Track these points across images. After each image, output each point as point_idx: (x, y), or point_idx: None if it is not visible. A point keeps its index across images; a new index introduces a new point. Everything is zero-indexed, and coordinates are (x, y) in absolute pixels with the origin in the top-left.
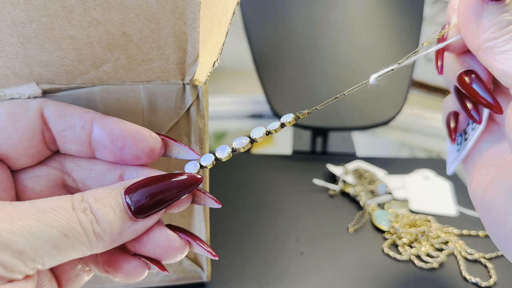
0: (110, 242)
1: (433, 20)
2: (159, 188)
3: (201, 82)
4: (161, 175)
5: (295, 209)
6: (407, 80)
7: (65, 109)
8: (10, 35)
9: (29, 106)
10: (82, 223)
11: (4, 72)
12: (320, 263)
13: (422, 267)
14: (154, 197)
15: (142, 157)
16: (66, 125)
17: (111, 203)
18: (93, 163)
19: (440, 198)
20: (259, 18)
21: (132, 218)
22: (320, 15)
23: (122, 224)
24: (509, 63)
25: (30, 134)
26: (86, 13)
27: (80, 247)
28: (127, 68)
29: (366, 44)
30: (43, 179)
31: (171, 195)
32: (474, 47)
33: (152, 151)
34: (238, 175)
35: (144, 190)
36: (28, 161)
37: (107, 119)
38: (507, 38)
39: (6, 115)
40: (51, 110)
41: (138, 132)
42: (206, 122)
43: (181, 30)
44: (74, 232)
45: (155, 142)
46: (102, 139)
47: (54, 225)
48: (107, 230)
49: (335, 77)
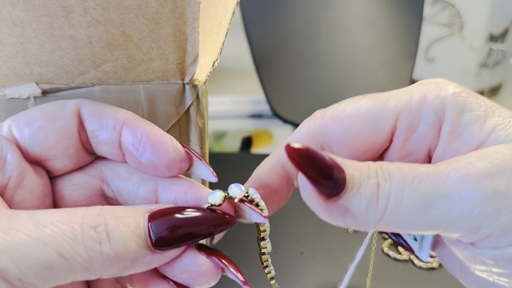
0: (119, 268)
1: (433, 20)
2: (185, 221)
3: (200, 82)
4: (193, 206)
5: (294, 209)
6: (407, 80)
7: (101, 109)
8: (10, 35)
9: (66, 105)
10: (86, 242)
11: (4, 72)
12: (319, 263)
13: (421, 266)
14: (179, 230)
15: (159, 168)
16: (99, 125)
17: (131, 224)
18: (130, 173)
19: None
20: (259, 18)
21: (149, 248)
22: (320, 15)
23: (138, 251)
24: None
25: (68, 132)
26: (86, 13)
27: (79, 270)
28: (127, 68)
29: (365, 44)
30: (81, 187)
31: (199, 231)
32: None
33: (171, 163)
34: (238, 175)
35: (169, 219)
36: (67, 162)
37: (138, 121)
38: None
39: (43, 115)
40: (87, 109)
41: (160, 138)
42: (206, 122)
43: (181, 30)
44: (72, 253)
45: (176, 154)
46: (127, 142)
47: (48, 242)
48: (119, 254)
49: (334, 77)
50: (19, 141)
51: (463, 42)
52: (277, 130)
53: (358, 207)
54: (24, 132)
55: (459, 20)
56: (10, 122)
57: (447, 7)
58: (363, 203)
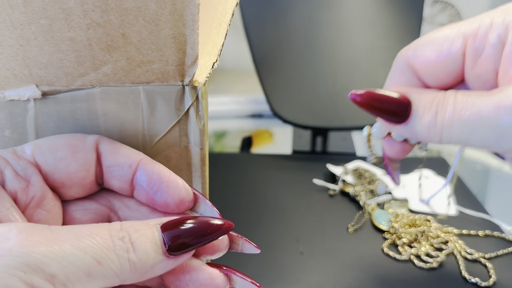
0: (141, 273)
1: (432, 20)
2: (193, 229)
3: (200, 83)
4: (198, 217)
5: (294, 209)
6: None
7: (118, 147)
8: (9, 37)
9: (86, 140)
10: (117, 251)
11: (4, 74)
12: (319, 263)
13: (421, 267)
14: (188, 237)
15: (170, 205)
16: (116, 162)
17: (148, 235)
18: (139, 204)
19: (439, 198)
20: (259, 19)
21: (165, 254)
22: (320, 15)
23: (156, 257)
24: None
25: (87, 165)
26: (85, 15)
27: (111, 276)
28: (127, 70)
29: (365, 44)
30: (91, 213)
31: (205, 238)
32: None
33: (182, 202)
34: (238, 174)
35: (179, 229)
36: (80, 192)
37: (152, 163)
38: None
39: (66, 146)
40: (105, 146)
41: (173, 180)
42: (206, 123)
43: (180, 32)
44: (107, 260)
45: (186, 194)
46: (141, 180)
47: (88, 251)
48: (143, 260)
49: (334, 77)
50: (41, 166)
51: None
52: (277, 130)
53: (421, 130)
54: (48, 159)
55: (459, 20)
56: (33, 148)
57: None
58: (425, 128)
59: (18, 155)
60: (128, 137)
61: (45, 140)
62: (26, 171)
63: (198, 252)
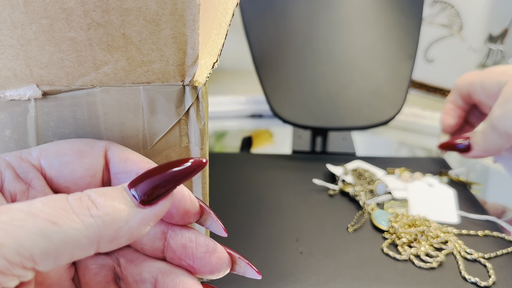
0: (115, 229)
1: (432, 21)
2: (163, 178)
3: (200, 83)
4: (165, 165)
5: (294, 208)
6: (407, 80)
7: (127, 154)
8: (10, 37)
9: (95, 145)
10: (76, 209)
11: (5, 74)
12: (319, 262)
13: (421, 266)
14: (161, 186)
15: (175, 216)
16: (124, 169)
17: (113, 193)
18: None
19: (443, 206)
20: (259, 19)
21: (139, 206)
22: (320, 15)
23: (127, 210)
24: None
25: (93, 171)
26: (86, 15)
27: (77, 237)
28: (127, 70)
29: (365, 44)
30: None
31: (176, 183)
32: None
33: (186, 214)
34: (238, 174)
35: (148, 182)
36: None
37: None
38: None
39: (73, 150)
40: (114, 152)
41: (179, 191)
42: (206, 123)
43: (181, 32)
44: (65, 219)
45: (191, 206)
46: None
47: (39, 214)
48: (110, 213)
49: (334, 77)
50: (46, 171)
51: (462, 42)
52: (277, 130)
53: (481, 152)
54: (53, 164)
55: (459, 20)
56: (40, 152)
57: (447, 8)
58: (480, 153)
59: (23, 157)
60: (129, 136)
61: (53, 144)
62: (27, 174)
63: (196, 272)
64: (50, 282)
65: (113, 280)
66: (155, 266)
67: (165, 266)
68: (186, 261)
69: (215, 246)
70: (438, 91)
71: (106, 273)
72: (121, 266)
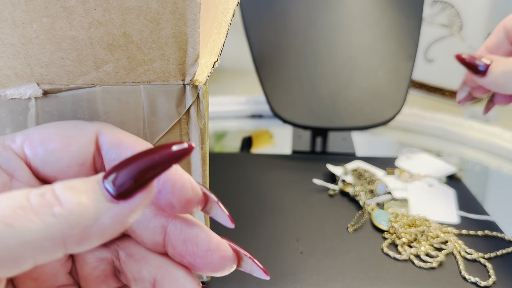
0: (82, 229)
1: (432, 21)
2: (143, 166)
3: (201, 83)
4: (145, 151)
5: (294, 208)
6: (407, 80)
7: (120, 138)
8: (11, 35)
9: (85, 129)
10: (36, 208)
11: (5, 73)
12: (319, 262)
13: (421, 266)
14: (139, 177)
15: (176, 206)
16: (118, 155)
17: (82, 187)
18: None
19: (443, 206)
20: (259, 19)
21: (111, 201)
22: (320, 15)
23: (98, 206)
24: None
25: (81, 159)
26: (87, 14)
27: (39, 241)
28: (128, 69)
29: (365, 44)
30: None
31: (158, 172)
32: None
33: (188, 203)
34: (238, 174)
35: (126, 171)
36: None
37: None
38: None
39: (59, 136)
40: (106, 136)
41: (179, 179)
42: (207, 122)
43: (182, 31)
44: (22, 221)
45: (193, 195)
46: None
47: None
48: (75, 212)
49: (334, 77)
50: (30, 160)
51: (462, 42)
52: (277, 130)
53: (493, 81)
54: (38, 152)
55: (459, 20)
56: (24, 138)
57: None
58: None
59: (5, 145)
60: None
61: (39, 129)
62: (9, 164)
63: (198, 270)
64: (46, 277)
65: (113, 274)
66: (155, 264)
67: (165, 265)
68: (187, 259)
69: (218, 243)
70: (438, 91)
71: (105, 267)
72: (120, 260)
